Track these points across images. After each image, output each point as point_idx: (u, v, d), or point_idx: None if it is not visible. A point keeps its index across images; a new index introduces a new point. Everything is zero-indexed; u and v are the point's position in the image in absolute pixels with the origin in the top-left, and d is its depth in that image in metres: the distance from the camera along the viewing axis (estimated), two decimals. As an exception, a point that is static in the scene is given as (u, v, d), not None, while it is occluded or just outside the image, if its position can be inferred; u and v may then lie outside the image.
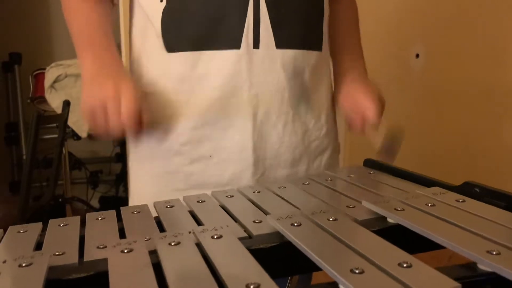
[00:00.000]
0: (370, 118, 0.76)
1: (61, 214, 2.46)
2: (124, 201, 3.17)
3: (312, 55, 0.76)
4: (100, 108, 0.66)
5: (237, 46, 0.70)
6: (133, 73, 0.78)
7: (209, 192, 0.63)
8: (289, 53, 0.73)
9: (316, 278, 0.78)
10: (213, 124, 0.72)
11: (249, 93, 0.72)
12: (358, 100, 0.78)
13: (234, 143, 0.73)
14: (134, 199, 0.81)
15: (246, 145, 0.73)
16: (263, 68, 0.72)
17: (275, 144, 0.74)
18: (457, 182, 0.58)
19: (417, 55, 1.78)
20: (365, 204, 0.52)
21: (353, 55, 0.87)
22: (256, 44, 0.71)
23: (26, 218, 1.91)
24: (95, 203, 3.05)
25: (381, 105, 0.78)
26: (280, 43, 0.72)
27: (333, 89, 0.85)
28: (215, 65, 0.70)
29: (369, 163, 0.74)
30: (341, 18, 0.87)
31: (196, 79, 0.71)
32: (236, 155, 0.73)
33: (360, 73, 0.84)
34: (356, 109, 0.78)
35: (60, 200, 2.48)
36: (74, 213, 2.56)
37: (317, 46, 0.77)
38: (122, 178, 3.18)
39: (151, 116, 0.69)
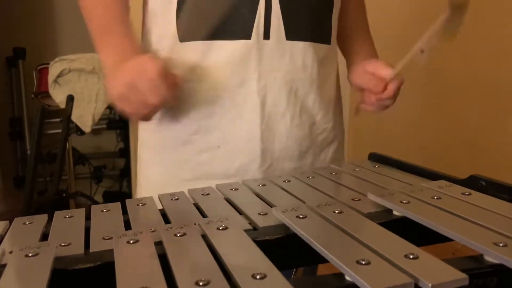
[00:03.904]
0: (391, 77, 0.74)
1: (65, 209, 2.42)
2: (128, 196, 3.19)
3: (321, 48, 0.76)
4: (130, 90, 0.63)
5: (248, 37, 0.70)
6: None
7: (216, 183, 0.63)
8: (298, 45, 0.73)
9: (318, 271, 0.78)
10: (222, 114, 0.72)
11: (258, 83, 0.72)
12: (374, 71, 0.76)
13: (242, 134, 0.73)
14: (142, 189, 0.82)
15: (253, 136, 0.73)
16: (272, 59, 0.72)
17: (283, 136, 0.75)
18: (463, 176, 0.58)
19: (422, 50, 1.77)
20: (371, 197, 0.52)
21: (363, 41, 0.87)
22: (266, 35, 0.71)
23: (30, 212, 1.91)
24: (98, 198, 3.06)
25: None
26: (290, 35, 0.72)
27: (339, 86, 0.85)
28: (225, 55, 0.71)
29: (374, 157, 0.74)
30: (350, 9, 0.87)
31: (206, 68, 0.72)
32: (244, 145, 0.73)
33: (370, 54, 0.85)
34: (374, 79, 0.76)
35: (64, 195, 2.49)
36: (78, 208, 2.56)
37: (326, 39, 0.77)
38: (126, 173, 3.19)
39: (181, 72, 0.67)
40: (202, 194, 0.59)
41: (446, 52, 1.67)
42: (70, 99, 2.19)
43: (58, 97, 2.34)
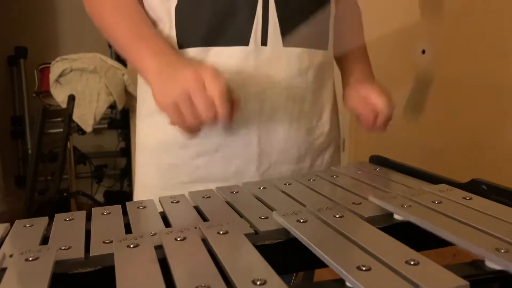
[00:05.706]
0: (382, 110, 0.75)
1: (66, 208, 2.47)
2: (129, 195, 3.18)
3: (317, 54, 0.76)
4: (183, 100, 0.59)
5: (246, 43, 0.70)
6: None
7: (213, 186, 0.63)
8: (295, 51, 0.73)
9: (321, 275, 0.78)
10: None
11: (256, 89, 0.72)
12: (367, 97, 0.78)
13: (239, 138, 0.73)
14: (139, 191, 0.82)
15: (251, 140, 0.73)
16: (269, 65, 0.72)
17: (281, 140, 0.75)
18: (464, 179, 0.58)
19: (423, 51, 1.77)
20: (372, 200, 0.52)
21: (358, 58, 0.86)
22: (264, 42, 0.71)
23: (31, 212, 1.92)
24: (99, 197, 3.06)
25: (391, 100, 0.77)
26: (287, 42, 0.72)
27: (335, 90, 0.85)
28: (223, 61, 0.71)
29: (375, 160, 0.74)
30: (345, 20, 0.87)
31: None
32: (241, 149, 0.74)
33: (366, 75, 0.84)
34: (367, 105, 0.77)
35: (65, 194, 2.49)
36: (79, 207, 2.57)
37: (323, 45, 0.78)
38: (126, 172, 3.19)
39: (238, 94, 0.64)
40: (203, 197, 0.59)
41: (447, 54, 1.67)
42: (72, 98, 2.19)
43: (60, 96, 2.34)
